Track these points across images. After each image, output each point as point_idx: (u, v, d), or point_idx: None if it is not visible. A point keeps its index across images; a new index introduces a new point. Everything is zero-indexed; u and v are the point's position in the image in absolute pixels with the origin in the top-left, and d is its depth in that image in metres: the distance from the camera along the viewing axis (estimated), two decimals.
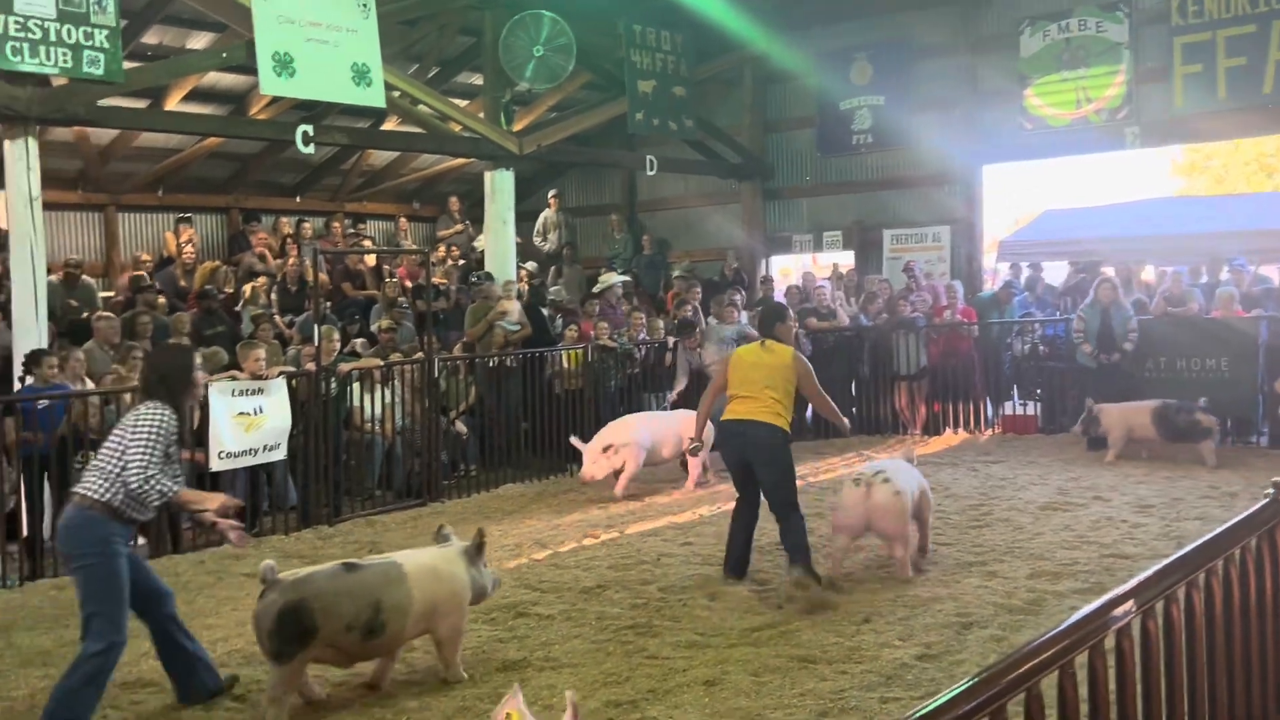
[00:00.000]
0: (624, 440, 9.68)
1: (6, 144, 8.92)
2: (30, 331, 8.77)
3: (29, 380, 8.06)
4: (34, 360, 8.11)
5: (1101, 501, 8.79)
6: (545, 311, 12.77)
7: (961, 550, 7.47)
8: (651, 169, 14.10)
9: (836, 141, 15.18)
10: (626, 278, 13.97)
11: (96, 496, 4.76)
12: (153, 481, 4.72)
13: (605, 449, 9.60)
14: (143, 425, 4.78)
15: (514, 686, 3.52)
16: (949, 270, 14.21)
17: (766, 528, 7.22)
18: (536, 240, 16.04)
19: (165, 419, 4.82)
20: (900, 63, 14.59)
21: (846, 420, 7.50)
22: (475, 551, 5.48)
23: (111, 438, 4.89)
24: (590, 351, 11.40)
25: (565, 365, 11.32)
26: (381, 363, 10.30)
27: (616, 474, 9.77)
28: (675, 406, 11.10)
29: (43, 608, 6.98)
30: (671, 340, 11.84)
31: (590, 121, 13.63)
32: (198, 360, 5.15)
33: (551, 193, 16.35)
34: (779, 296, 14.01)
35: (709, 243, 16.26)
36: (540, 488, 10.62)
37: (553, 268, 15.51)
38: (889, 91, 14.67)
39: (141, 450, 4.71)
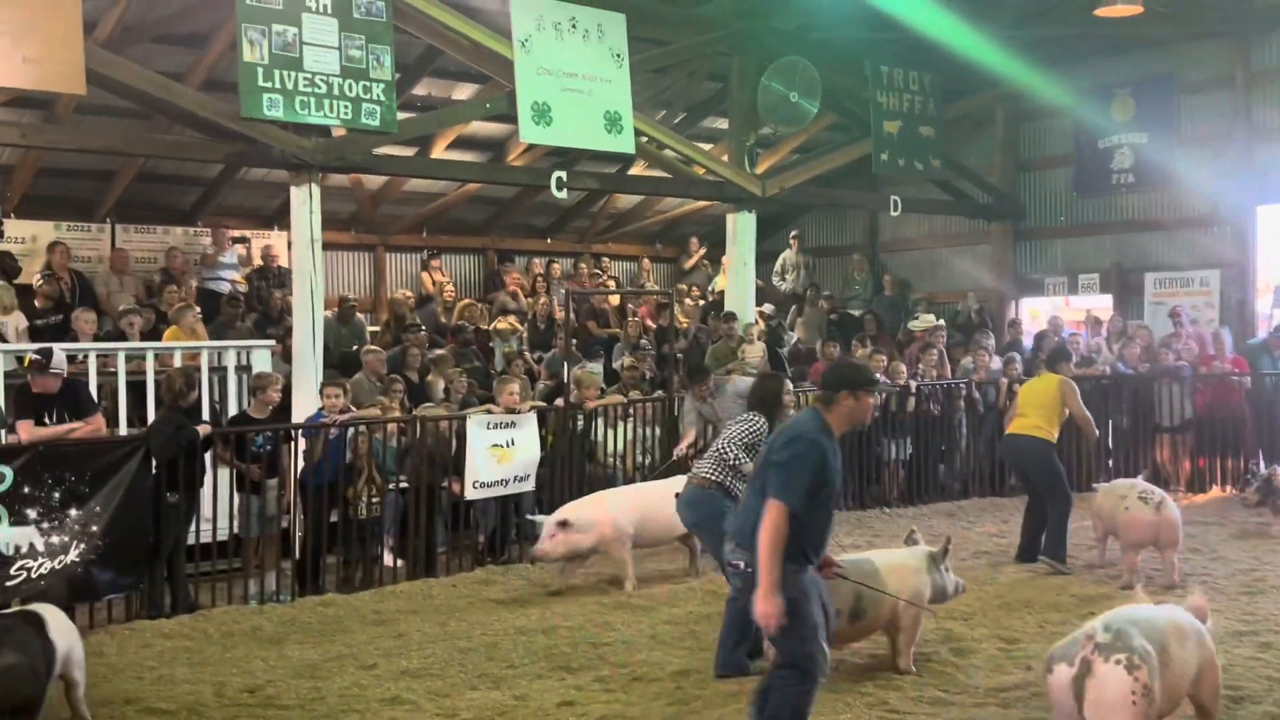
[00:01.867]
0: (592, 519, 8.13)
1: (293, 190, 9.67)
2: (308, 364, 9.43)
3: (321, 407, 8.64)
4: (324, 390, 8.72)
5: None
6: (783, 353, 12.72)
7: (1231, 618, 6.89)
8: (895, 210, 13.86)
9: (1094, 181, 14.47)
10: (941, 322, 13.64)
11: (712, 477, 6.47)
12: (734, 453, 6.40)
13: (561, 524, 8.02)
14: (743, 425, 6.54)
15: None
16: (1217, 317, 13.24)
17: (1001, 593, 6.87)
18: (775, 280, 16.04)
19: (758, 424, 6.50)
20: (1166, 98, 13.78)
21: (1098, 432, 9.50)
22: (940, 556, 6.18)
23: (722, 435, 6.68)
24: None
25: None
26: (624, 399, 10.50)
27: (585, 556, 8.33)
28: (673, 469, 9.21)
29: (311, 623, 7.46)
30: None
31: (834, 163, 13.54)
32: (788, 386, 6.89)
33: (793, 234, 16.33)
34: (1027, 341, 13.46)
35: (953, 284, 15.81)
36: None
37: (793, 308, 15.46)
38: (1153, 128, 13.88)
39: (739, 438, 6.48)
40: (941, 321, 13.68)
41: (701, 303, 14.97)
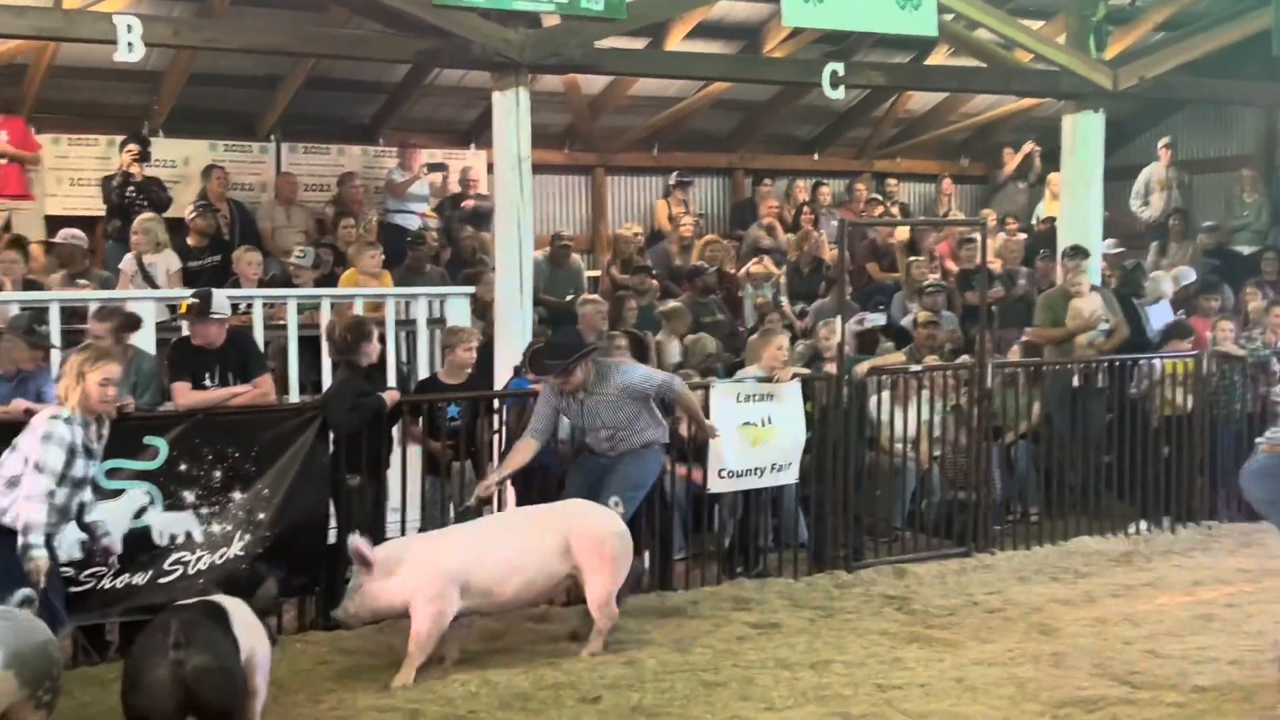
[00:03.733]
0: (415, 563, 7.10)
1: (496, 96, 9.96)
2: (514, 318, 9.74)
3: (528, 375, 8.90)
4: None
5: None
6: (1142, 306, 12.25)
7: None
8: None
9: None
10: None
11: None
12: None
13: (364, 563, 7.03)
14: None
15: None
16: None
17: None
18: (1135, 205, 15.44)
19: None
20: None
21: None
22: None
23: None
24: (1206, 361, 10.81)
25: (1165, 379, 10.80)
26: (917, 366, 10.39)
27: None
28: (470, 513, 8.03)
29: (520, 642, 7.76)
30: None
31: (1215, 43, 12.84)
32: None
33: (1162, 143, 15.64)
34: None
35: None
36: (1126, 545, 10.28)
37: (1153, 245, 14.88)
38: None
39: None
40: None
41: (1022, 236, 14.59)
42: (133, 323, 7.69)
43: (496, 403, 8.77)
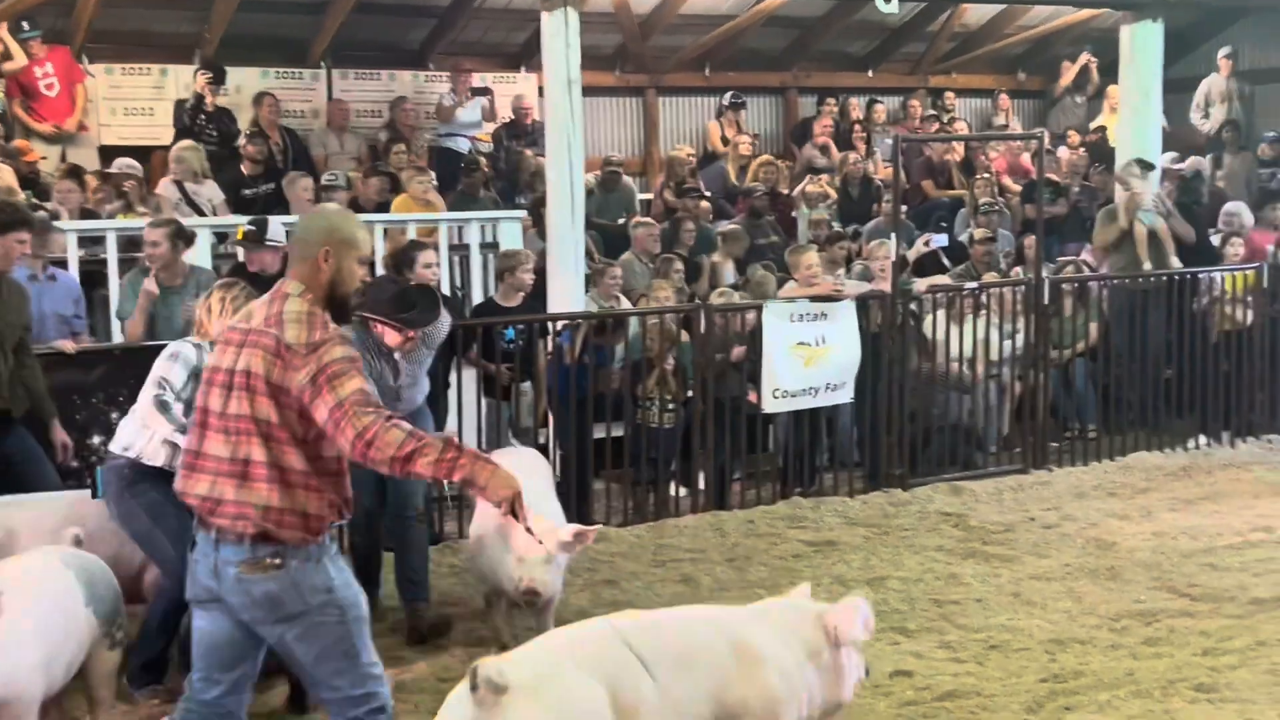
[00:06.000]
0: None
1: (545, 18, 9.89)
2: (566, 239, 9.74)
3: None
4: None
5: None
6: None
7: None
8: None
9: None
10: None
11: None
12: None
13: (576, 535, 6.26)
14: None
15: None
16: None
17: None
18: (1195, 117, 15.18)
19: None
20: None
21: None
22: None
23: None
24: (1266, 274, 10.70)
25: (1226, 293, 10.70)
26: (972, 284, 10.34)
27: None
28: None
29: (579, 562, 7.75)
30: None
31: None
32: None
33: (1223, 53, 15.32)
34: None
35: None
36: (1185, 459, 10.26)
37: (1209, 156, 14.63)
38: None
39: None
40: None
41: (1082, 151, 14.41)
42: (188, 235, 7.77)
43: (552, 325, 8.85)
